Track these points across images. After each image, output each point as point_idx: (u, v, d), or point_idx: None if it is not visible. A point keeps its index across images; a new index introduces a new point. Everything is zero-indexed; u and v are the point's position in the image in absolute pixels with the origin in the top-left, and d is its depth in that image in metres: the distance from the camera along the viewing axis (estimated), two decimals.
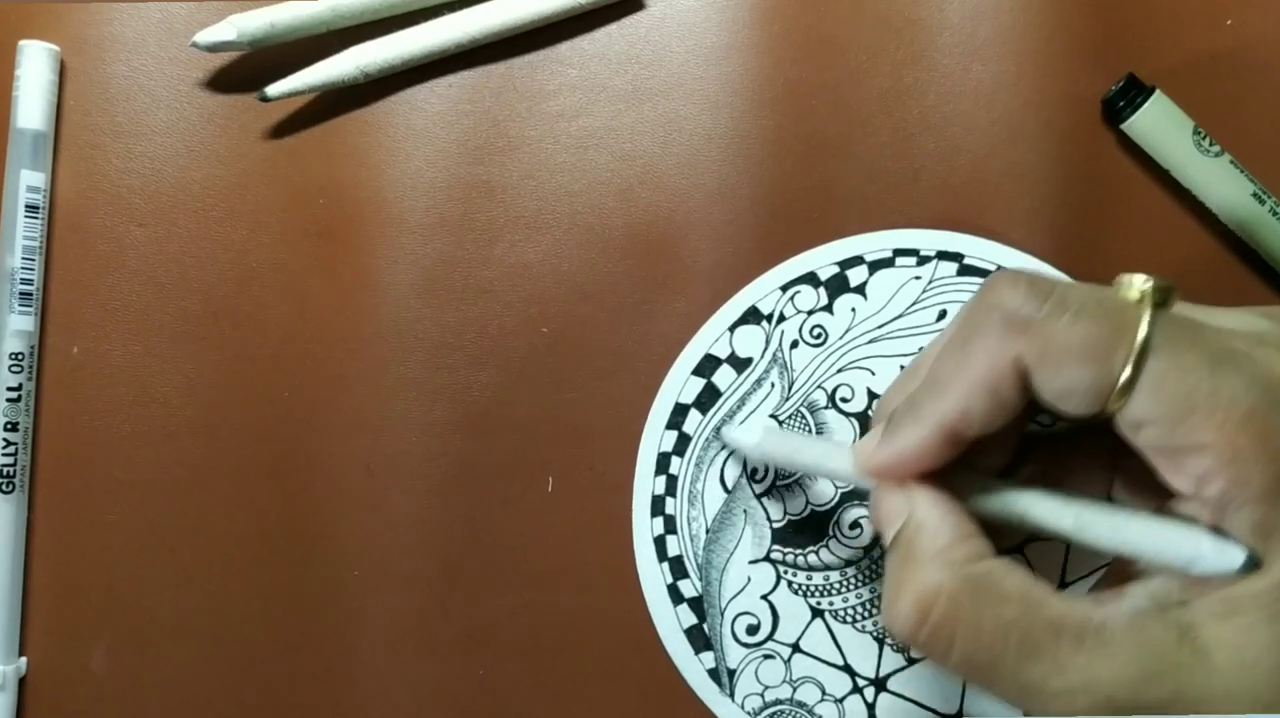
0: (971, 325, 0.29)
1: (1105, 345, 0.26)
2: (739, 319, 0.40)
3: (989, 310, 0.28)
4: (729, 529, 0.40)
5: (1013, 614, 0.27)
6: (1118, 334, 0.26)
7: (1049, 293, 0.28)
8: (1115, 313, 0.27)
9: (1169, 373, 0.26)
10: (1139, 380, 0.26)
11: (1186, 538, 0.27)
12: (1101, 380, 0.27)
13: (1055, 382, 0.27)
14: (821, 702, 0.39)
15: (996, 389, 0.28)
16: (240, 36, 0.40)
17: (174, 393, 0.41)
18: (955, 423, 0.29)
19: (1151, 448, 0.27)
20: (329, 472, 0.41)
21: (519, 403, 0.41)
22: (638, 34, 0.42)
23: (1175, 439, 0.26)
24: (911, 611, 0.28)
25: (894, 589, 0.29)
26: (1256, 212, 0.39)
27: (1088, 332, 0.27)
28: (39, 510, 0.41)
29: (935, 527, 0.29)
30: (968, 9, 0.41)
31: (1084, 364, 0.27)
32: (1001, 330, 0.28)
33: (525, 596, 0.41)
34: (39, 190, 0.41)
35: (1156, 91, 0.40)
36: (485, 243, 0.41)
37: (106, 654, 0.41)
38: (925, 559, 0.28)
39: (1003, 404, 0.28)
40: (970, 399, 0.28)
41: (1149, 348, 0.26)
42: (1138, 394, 0.26)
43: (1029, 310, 0.27)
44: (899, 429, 0.30)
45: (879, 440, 0.30)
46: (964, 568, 0.28)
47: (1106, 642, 0.26)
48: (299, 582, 0.41)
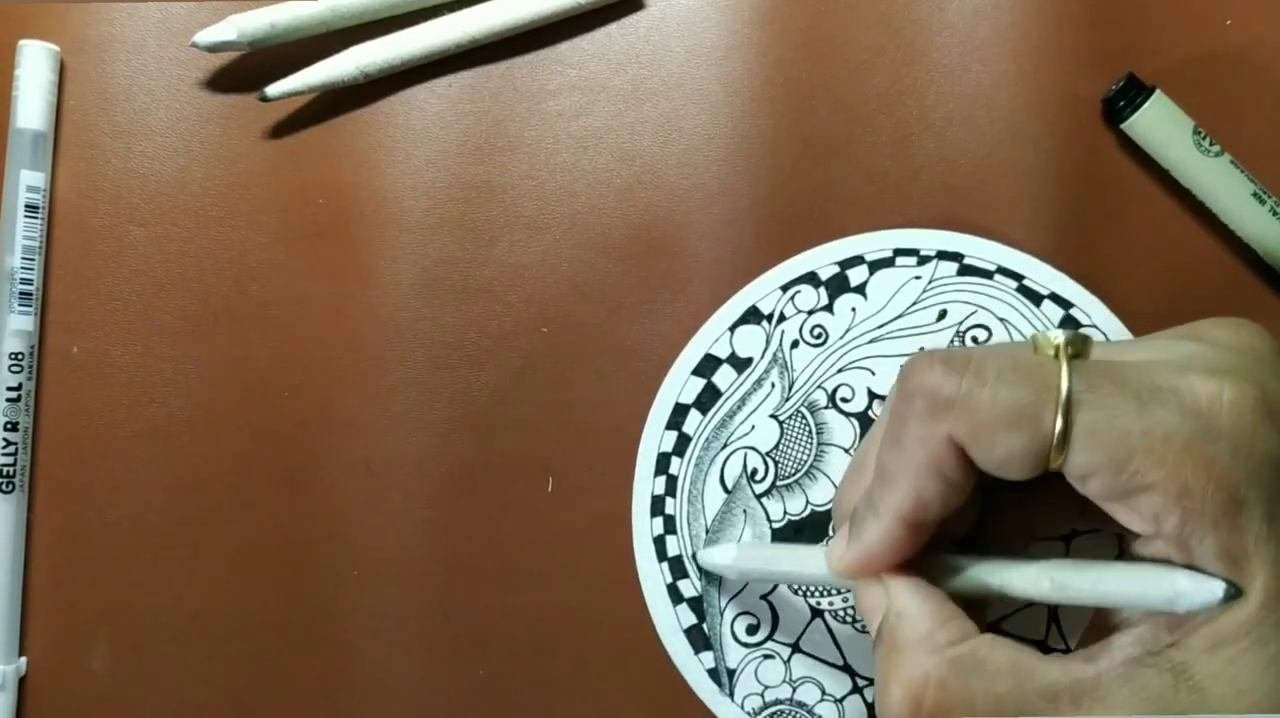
0: (900, 416, 0.29)
1: (1032, 407, 0.26)
2: (739, 319, 0.40)
3: (910, 398, 0.28)
4: (729, 529, 0.40)
5: (1005, 688, 0.27)
6: (1041, 393, 0.26)
7: (965, 366, 0.27)
8: (1035, 372, 0.27)
9: (1099, 421, 0.26)
10: (1072, 434, 0.26)
11: (1164, 579, 0.27)
12: (1036, 443, 0.27)
13: (992, 454, 0.27)
14: (821, 702, 0.39)
15: (941, 472, 0.28)
16: (240, 36, 0.40)
17: (174, 393, 0.41)
18: (913, 512, 0.29)
19: (1101, 497, 0.27)
20: (329, 472, 0.41)
21: (519, 403, 0.41)
22: (638, 34, 0.42)
23: (1121, 485, 0.26)
24: (905, 700, 0.28)
25: (884, 681, 0.29)
26: (1256, 212, 0.39)
27: (1012, 397, 0.27)
28: (39, 510, 0.41)
29: (915, 615, 0.29)
30: (968, 9, 0.41)
31: (1015, 431, 0.27)
32: (929, 414, 0.28)
33: (525, 596, 0.41)
34: (39, 190, 0.41)
35: (1156, 91, 0.40)
36: (485, 243, 0.41)
37: (106, 654, 0.41)
38: (909, 648, 0.29)
39: (953, 484, 0.28)
40: (919, 486, 0.28)
41: (1074, 401, 0.26)
42: (1074, 448, 0.26)
43: (950, 389, 0.27)
44: (862, 527, 0.30)
45: (846, 542, 0.31)
46: (948, 652, 0.28)
47: (1104, 697, 0.27)
48: (299, 582, 0.41)
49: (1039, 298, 0.40)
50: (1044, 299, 0.40)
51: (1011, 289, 0.40)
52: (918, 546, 0.30)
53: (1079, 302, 0.40)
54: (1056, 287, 0.40)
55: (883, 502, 0.29)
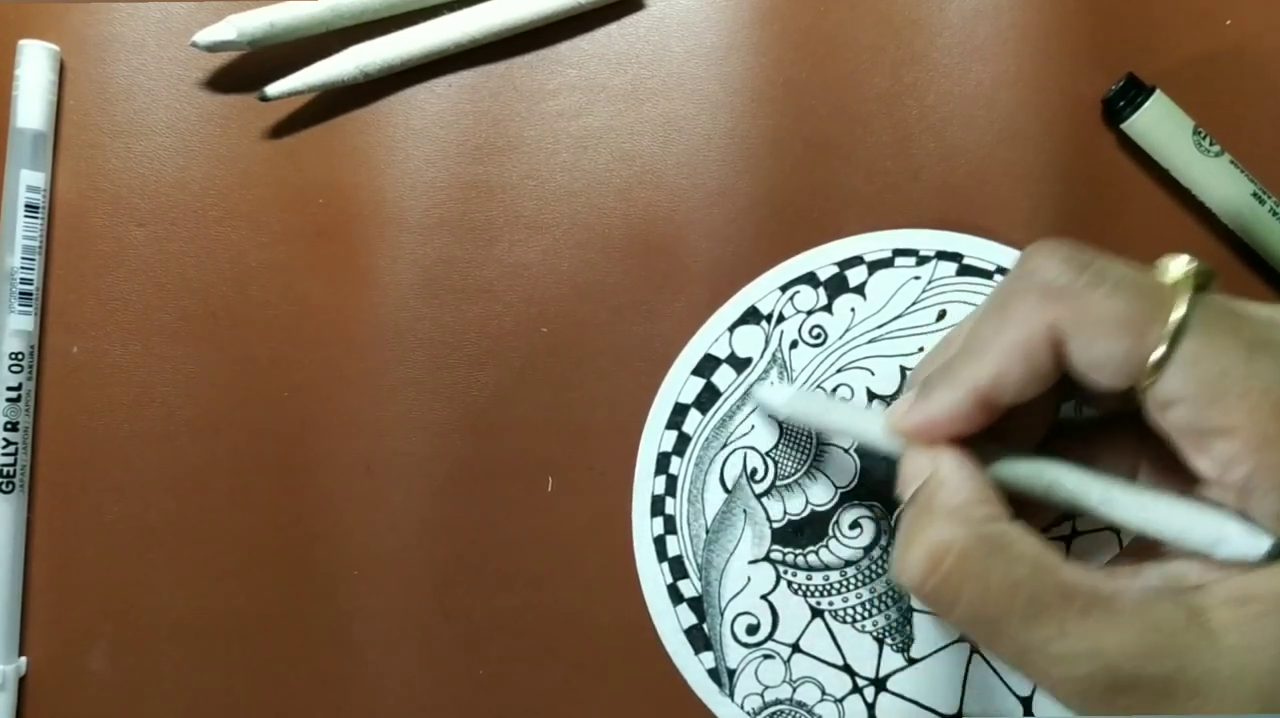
0: (1010, 293, 0.29)
1: (1141, 320, 0.26)
2: (739, 319, 0.40)
3: (1027, 278, 0.28)
4: (729, 529, 0.40)
5: (1023, 574, 0.27)
6: (1154, 310, 0.26)
7: (1088, 264, 0.28)
8: (1154, 290, 0.27)
9: (1203, 353, 0.26)
10: (1172, 358, 0.26)
11: (1213, 521, 0.27)
12: (1135, 354, 0.26)
13: (1089, 352, 0.27)
14: (821, 702, 0.39)
15: (1031, 356, 0.28)
16: (240, 36, 0.40)
17: (174, 393, 0.41)
18: (989, 388, 0.29)
19: (1179, 429, 0.27)
20: (329, 472, 0.41)
21: (519, 403, 0.41)
22: (637, 34, 0.42)
23: (1204, 421, 0.26)
24: (922, 561, 0.28)
25: (906, 540, 0.29)
26: (1256, 211, 0.39)
27: (1125, 305, 0.27)
28: (39, 510, 0.41)
29: (955, 485, 0.29)
30: (968, 9, 0.41)
31: (1119, 336, 0.27)
32: (1039, 298, 0.28)
33: (525, 596, 0.41)
34: (39, 190, 0.41)
35: (1156, 91, 0.40)
36: (485, 243, 0.41)
37: (106, 654, 0.41)
38: (942, 514, 0.29)
39: (1037, 372, 0.28)
40: (1005, 365, 0.28)
41: (1185, 327, 0.26)
42: (1170, 372, 0.26)
43: (1067, 280, 0.27)
44: (932, 392, 0.30)
45: (912, 403, 0.31)
46: (979, 526, 0.28)
47: (1115, 613, 0.26)
48: (299, 582, 0.41)
49: None
50: None
51: None
52: (981, 425, 0.30)
53: None
54: None
55: (963, 370, 0.29)
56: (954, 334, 0.33)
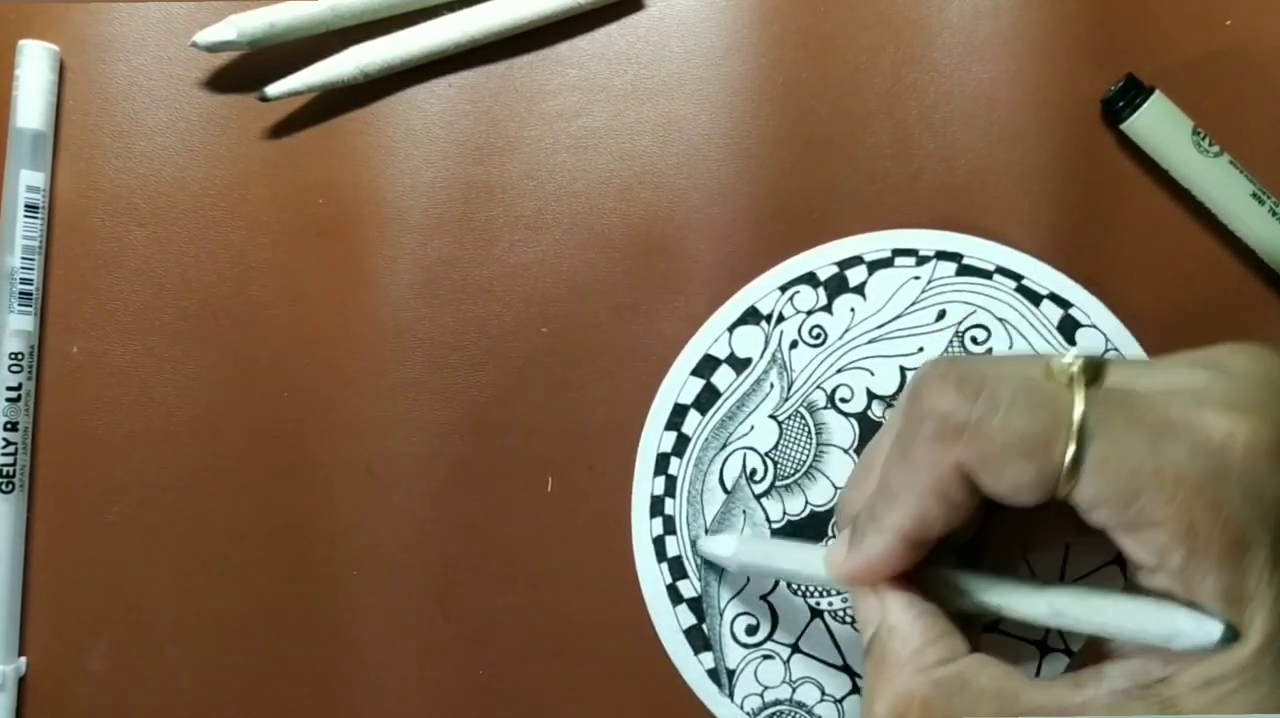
0: (909, 435, 0.29)
1: (1043, 437, 0.26)
2: (738, 319, 0.40)
3: (920, 420, 0.28)
4: (728, 530, 0.40)
5: (989, 711, 0.27)
6: (1053, 423, 0.26)
7: (978, 390, 0.27)
8: (1048, 402, 0.27)
9: (1109, 454, 0.26)
10: (1082, 466, 0.26)
11: (1163, 615, 0.27)
12: (1045, 473, 0.26)
13: (1000, 482, 0.27)
14: (821, 702, 0.39)
15: (945, 495, 0.28)
16: (240, 36, 0.40)
17: (174, 393, 0.41)
18: (915, 531, 0.29)
19: (1107, 527, 0.27)
20: (329, 472, 0.41)
21: (518, 403, 0.41)
22: (637, 34, 0.42)
23: (1128, 518, 0.26)
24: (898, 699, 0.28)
25: (870, 696, 0.29)
26: (1256, 212, 0.39)
27: (1023, 426, 0.26)
28: (39, 510, 0.41)
29: (906, 631, 0.29)
30: (968, 9, 0.41)
31: (1025, 460, 0.26)
32: (938, 439, 0.28)
33: (525, 596, 0.41)
34: (38, 190, 0.41)
35: (1156, 92, 0.40)
36: (485, 243, 0.41)
37: (106, 654, 0.41)
38: (897, 665, 0.29)
39: (955, 507, 0.28)
40: (922, 507, 0.28)
41: (1086, 432, 0.26)
42: (1084, 479, 0.26)
43: (961, 415, 0.27)
44: (863, 538, 0.30)
45: (846, 549, 0.31)
46: (935, 671, 0.28)
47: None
48: (299, 582, 0.41)
49: (1038, 298, 0.40)
50: (1043, 299, 0.40)
51: (1010, 289, 0.40)
52: (917, 559, 0.30)
53: (1078, 302, 0.40)
54: (1055, 287, 0.40)
55: (885, 517, 0.29)
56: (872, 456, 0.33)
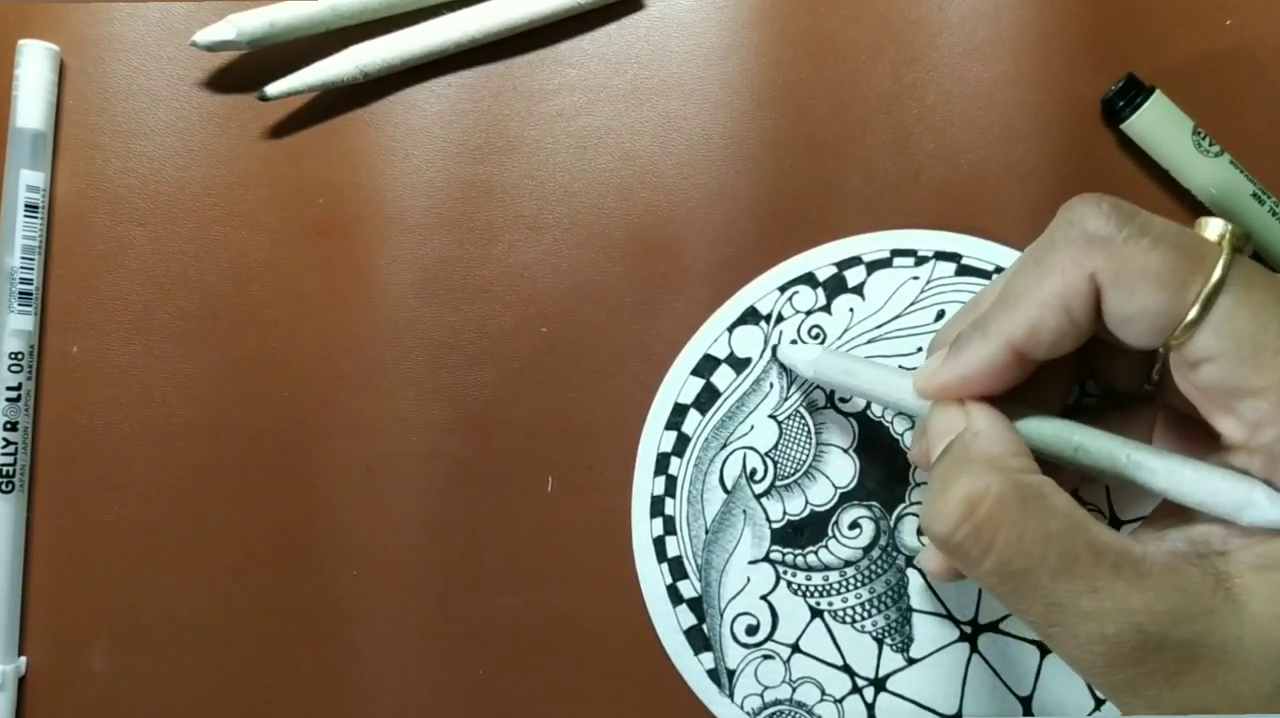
0: (1049, 243, 0.29)
1: (1182, 274, 0.26)
2: (738, 319, 0.40)
3: (1069, 227, 0.28)
4: (728, 530, 0.40)
5: (1057, 527, 0.27)
6: (1194, 266, 0.26)
7: (1132, 217, 0.27)
8: (1194, 247, 0.27)
9: (1240, 310, 0.26)
10: (1209, 314, 0.26)
11: (1239, 487, 0.27)
12: (1172, 307, 0.26)
13: (1127, 304, 0.27)
14: (821, 702, 0.39)
15: (1069, 306, 0.28)
16: (240, 36, 0.40)
17: (174, 393, 0.41)
18: (1024, 340, 0.29)
19: (1208, 388, 0.27)
20: (329, 472, 0.41)
21: (518, 403, 0.41)
22: (637, 34, 0.42)
23: (1235, 379, 0.26)
24: (956, 507, 0.27)
25: (940, 488, 0.29)
26: (1256, 212, 0.39)
27: (1166, 258, 0.27)
28: (39, 510, 0.41)
29: (992, 436, 0.29)
30: (967, 9, 0.41)
31: (1158, 289, 0.26)
32: (1081, 247, 0.28)
33: (525, 596, 0.41)
34: (38, 190, 0.41)
35: (1156, 91, 0.39)
36: (485, 243, 0.41)
37: (106, 654, 0.41)
38: (979, 462, 0.28)
39: (1073, 323, 0.28)
40: (1042, 315, 0.28)
41: (1224, 284, 0.26)
42: (1205, 328, 0.26)
43: (1110, 230, 0.27)
44: (965, 347, 0.30)
45: (943, 360, 0.30)
46: (1016, 475, 0.28)
47: (1144, 574, 0.26)
48: (299, 582, 0.41)
49: None
50: None
51: None
52: (1012, 381, 0.30)
53: None
54: None
55: (996, 322, 0.29)
56: (983, 294, 0.33)
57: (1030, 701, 0.39)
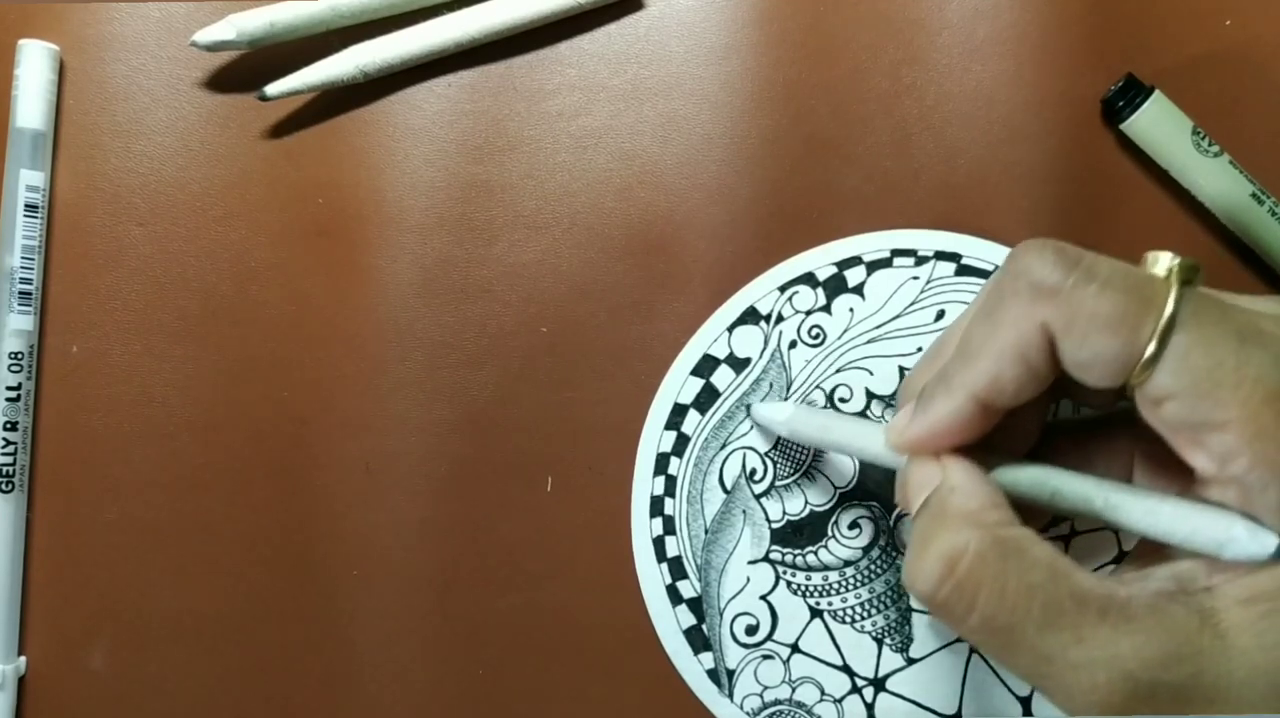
0: (999, 294, 0.29)
1: (1132, 316, 0.26)
2: (737, 319, 0.40)
3: (1015, 278, 0.28)
4: (728, 530, 0.40)
5: (1039, 579, 0.27)
6: (1145, 306, 0.26)
7: (1077, 261, 0.27)
8: (1143, 286, 0.27)
9: (1194, 347, 0.26)
10: (1164, 354, 0.26)
11: (1219, 522, 0.26)
12: (1127, 351, 0.26)
13: (1081, 351, 0.27)
14: (820, 702, 0.39)
15: (1025, 356, 0.28)
16: (239, 36, 0.40)
17: (174, 393, 0.41)
18: (986, 392, 0.29)
19: (1173, 424, 0.27)
20: (329, 472, 0.41)
21: (518, 403, 0.41)
22: (637, 34, 0.42)
23: (1198, 414, 0.26)
24: (936, 566, 0.27)
25: (920, 546, 0.28)
26: (1256, 212, 0.39)
27: (1115, 302, 0.26)
28: (39, 510, 0.41)
29: (968, 490, 0.29)
30: (967, 9, 0.41)
31: (1110, 334, 0.26)
32: (1029, 298, 0.28)
33: (525, 596, 0.41)
34: (38, 190, 0.41)
35: (1156, 92, 0.39)
36: (484, 242, 0.41)
37: (106, 654, 0.41)
38: (956, 518, 0.28)
39: (1033, 372, 0.28)
40: (1000, 367, 0.28)
41: (1175, 322, 0.26)
42: (1162, 367, 0.26)
43: (1056, 278, 0.27)
44: (931, 402, 0.30)
45: (912, 414, 0.30)
46: (995, 530, 0.28)
47: (1130, 618, 0.26)
48: (299, 582, 0.41)
49: None
50: None
51: None
52: (981, 431, 0.30)
53: None
54: None
55: (958, 376, 0.29)
56: (945, 339, 0.33)
57: (1029, 701, 0.39)
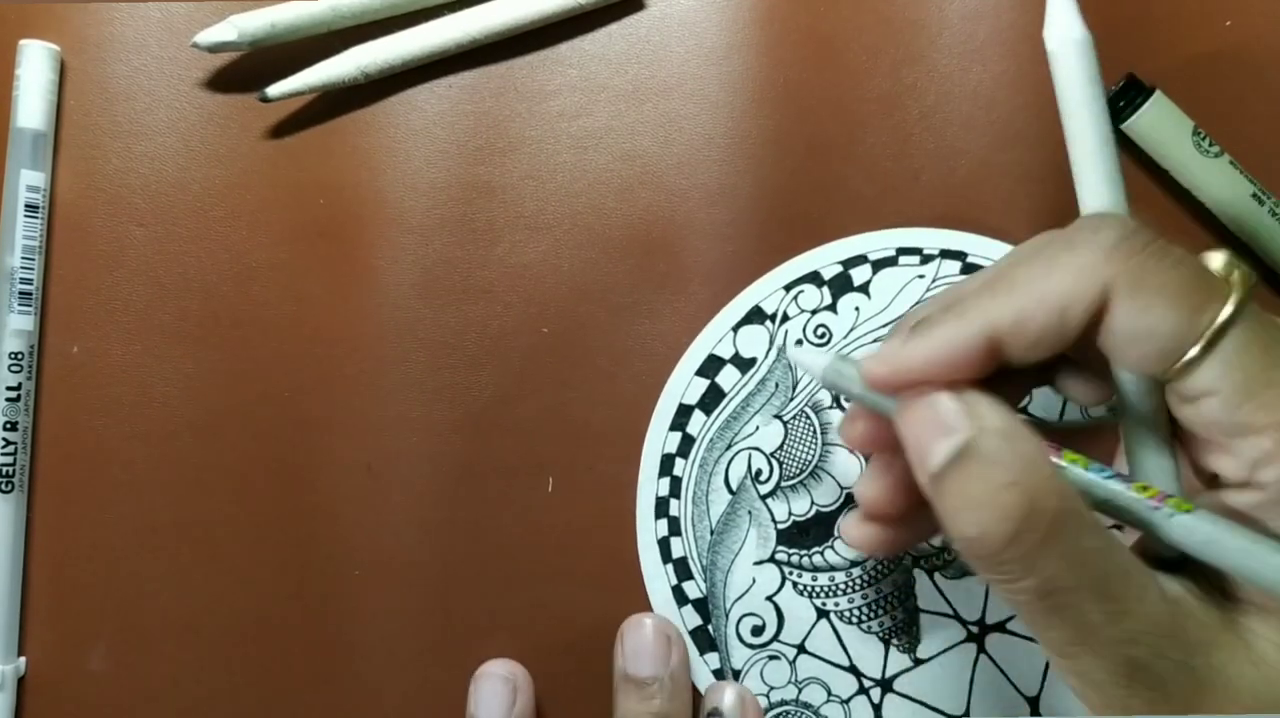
0: (1066, 243, 0.27)
1: (1199, 296, 0.26)
2: (742, 319, 0.40)
3: (1093, 232, 0.27)
4: (733, 531, 0.40)
5: (1098, 545, 0.25)
6: (1210, 293, 0.26)
7: (1154, 238, 0.26)
8: (1211, 277, 0.26)
9: (1248, 347, 0.25)
10: (1216, 348, 0.25)
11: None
12: (1182, 330, 0.25)
13: (1139, 319, 0.26)
14: (827, 703, 0.39)
15: (1066, 309, 0.26)
16: (240, 36, 0.40)
17: (174, 393, 0.41)
18: (1008, 329, 0.26)
19: (1208, 423, 0.26)
20: (329, 472, 0.41)
21: (519, 404, 0.41)
22: (638, 34, 0.42)
23: (1237, 415, 0.25)
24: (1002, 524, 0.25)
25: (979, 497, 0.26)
26: (1256, 212, 0.39)
27: (1185, 278, 0.26)
28: (38, 510, 0.41)
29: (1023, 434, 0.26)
30: (968, 9, 0.41)
31: (1174, 308, 0.25)
32: (1102, 253, 0.26)
33: (525, 596, 0.40)
34: (39, 190, 0.40)
35: (1156, 92, 0.40)
36: (485, 243, 0.41)
37: (106, 654, 0.40)
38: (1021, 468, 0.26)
39: (1061, 328, 0.26)
40: (1034, 309, 0.26)
41: (1235, 320, 0.25)
42: (1211, 360, 0.25)
43: (1136, 242, 0.26)
44: (934, 327, 0.27)
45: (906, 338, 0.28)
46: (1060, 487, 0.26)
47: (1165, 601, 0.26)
48: (299, 582, 0.41)
49: None
50: None
51: None
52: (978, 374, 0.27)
53: None
54: None
55: (978, 306, 0.27)
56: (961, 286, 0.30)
57: (1038, 701, 0.39)
